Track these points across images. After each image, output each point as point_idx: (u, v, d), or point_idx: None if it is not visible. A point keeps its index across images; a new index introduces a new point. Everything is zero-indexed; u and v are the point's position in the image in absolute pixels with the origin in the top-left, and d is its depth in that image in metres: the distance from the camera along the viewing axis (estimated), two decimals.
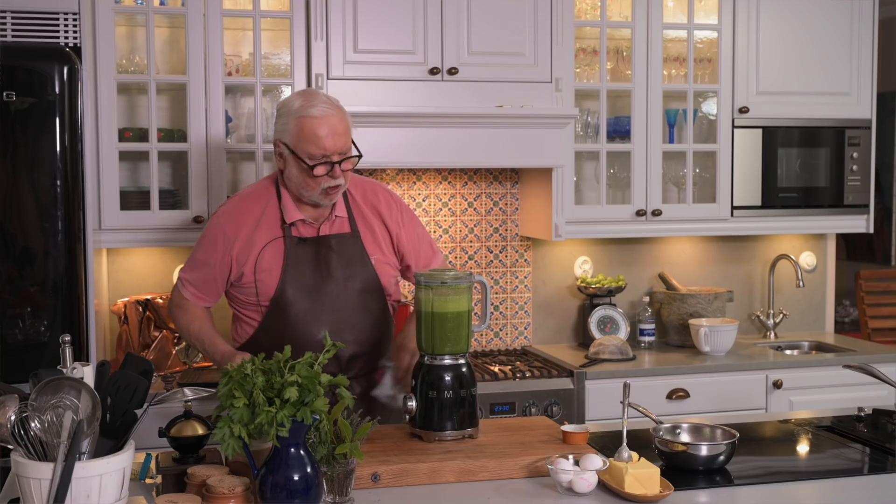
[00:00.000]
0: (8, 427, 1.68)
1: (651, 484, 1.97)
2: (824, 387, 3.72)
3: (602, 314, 3.99)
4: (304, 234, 2.56)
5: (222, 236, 2.57)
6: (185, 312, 2.65)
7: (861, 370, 2.61)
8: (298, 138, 2.46)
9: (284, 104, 2.54)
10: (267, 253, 2.54)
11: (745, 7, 3.90)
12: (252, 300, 2.57)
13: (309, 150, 2.45)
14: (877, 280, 5.52)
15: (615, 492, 1.98)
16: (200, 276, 2.61)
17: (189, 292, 2.63)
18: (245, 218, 2.57)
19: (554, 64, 3.61)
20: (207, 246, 2.59)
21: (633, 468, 1.98)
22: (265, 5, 3.57)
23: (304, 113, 2.46)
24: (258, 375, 1.81)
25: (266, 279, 2.53)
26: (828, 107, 4.03)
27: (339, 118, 2.49)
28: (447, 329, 2.28)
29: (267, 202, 2.58)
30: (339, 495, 1.89)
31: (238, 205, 2.62)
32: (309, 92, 2.56)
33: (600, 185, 3.83)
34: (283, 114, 2.52)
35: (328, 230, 2.57)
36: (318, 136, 2.44)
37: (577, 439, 2.26)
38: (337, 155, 2.47)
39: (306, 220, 2.56)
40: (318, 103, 2.47)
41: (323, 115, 2.46)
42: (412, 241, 2.68)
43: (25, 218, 2.90)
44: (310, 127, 2.44)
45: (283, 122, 2.50)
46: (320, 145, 2.44)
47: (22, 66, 2.87)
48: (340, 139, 2.47)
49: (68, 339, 1.85)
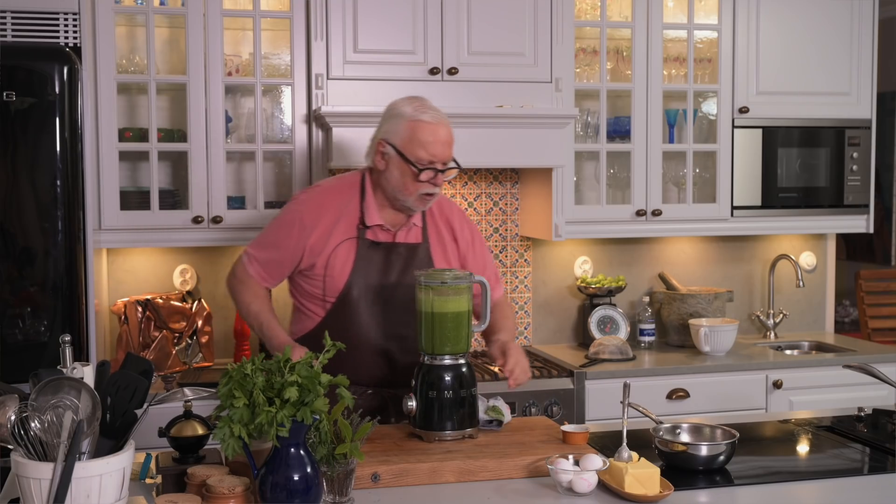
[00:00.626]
0: (8, 427, 1.68)
1: (651, 484, 1.97)
2: (824, 387, 3.72)
3: (602, 314, 3.99)
4: (378, 239, 2.58)
5: (299, 224, 2.58)
6: (247, 289, 2.65)
7: (861, 370, 2.61)
8: (410, 141, 2.49)
9: (395, 106, 2.57)
10: (341, 250, 2.56)
11: (745, 7, 3.90)
12: (318, 293, 2.59)
13: (418, 154, 2.48)
14: (877, 280, 5.52)
15: (615, 492, 1.98)
16: (269, 258, 2.62)
17: (254, 270, 2.64)
18: (326, 211, 2.58)
19: (554, 64, 3.61)
20: (282, 230, 2.61)
21: (633, 468, 1.98)
22: (265, 5, 3.57)
23: (417, 117, 2.49)
24: (258, 375, 1.81)
25: (335, 276, 2.55)
26: (828, 107, 4.03)
27: (448, 129, 2.53)
28: (447, 329, 2.28)
29: (349, 199, 2.60)
30: (339, 495, 1.89)
31: (322, 196, 2.62)
32: (419, 98, 2.58)
33: (600, 185, 3.83)
34: (393, 115, 2.54)
35: (402, 238, 2.60)
36: (430, 141, 2.48)
37: (577, 439, 2.26)
38: (441, 164, 2.50)
39: (384, 225, 2.58)
40: (431, 110, 2.52)
41: (436, 121, 2.50)
42: (477, 265, 2.69)
43: (25, 218, 2.90)
44: (423, 131, 2.48)
45: (394, 124, 2.52)
46: (430, 150, 2.48)
47: (22, 66, 2.87)
48: (448, 148, 2.52)
49: (68, 339, 1.85)
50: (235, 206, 3.54)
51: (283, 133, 3.67)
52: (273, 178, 3.73)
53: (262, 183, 3.51)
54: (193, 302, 3.61)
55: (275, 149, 3.58)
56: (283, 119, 3.68)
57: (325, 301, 2.58)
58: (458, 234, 2.69)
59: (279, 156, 3.69)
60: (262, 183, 3.53)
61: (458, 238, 2.69)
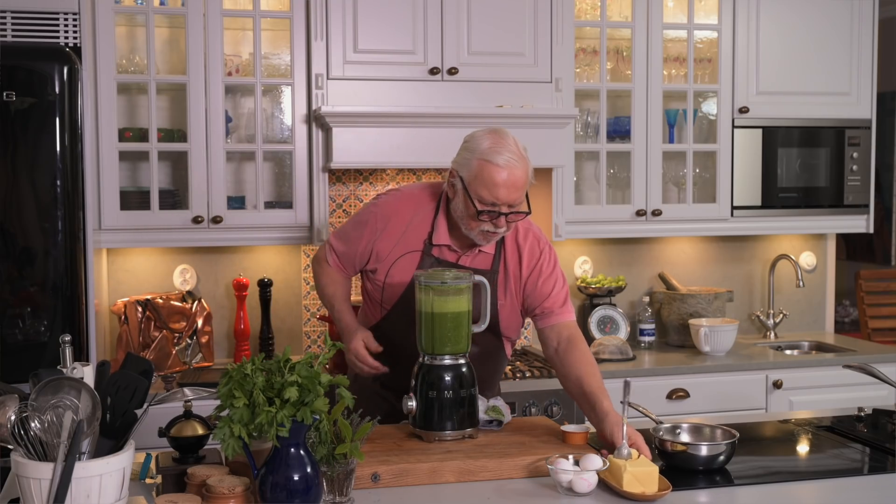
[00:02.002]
0: (8, 427, 1.68)
1: (650, 482, 1.96)
2: (824, 387, 3.72)
3: (602, 314, 3.99)
4: (444, 257, 2.54)
5: (372, 225, 2.57)
6: (325, 273, 2.70)
7: (861, 370, 2.61)
8: (475, 178, 2.40)
9: (473, 138, 2.47)
10: (404, 261, 2.53)
11: (745, 7, 3.90)
12: (377, 297, 2.59)
13: (481, 194, 2.39)
14: (877, 280, 5.52)
15: (614, 489, 1.98)
16: (344, 250, 2.64)
17: (332, 259, 2.67)
18: (399, 218, 2.56)
19: (554, 64, 3.61)
20: (357, 227, 2.62)
21: (631, 466, 1.98)
22: (265, 5, 3.57)
23: (488, 157, 2.39)
24: (258, 375, 1.81)
25: (394, 285, 2.53)
26: (828, 107, 4.03)
27: (522, 171, 2.41)
28: (447, 329, 2.28)
29: (426, 211, 2.56)
30: (339, 495, 1.89)
31: (399, 202, 2.60)
32: (501, 135, 2.44)
33: (600, 185, 3.83)
34: (468, 148, 2.46)
35: (468, 262, 2.54)
36: (496, 184, 2.37)
37: (577, 439, 2.26)
38: (506, 206, 2.41)
39: (452, 246, 2.54)
40: (505, 151, 2.39)
41: (506, 165, 2.38)
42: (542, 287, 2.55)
43: (25, 218, 2.90)
44: (490, 173, 2.38)
45: (466, 158, 2.44)
46: (494, 193, 2.38)
47: (22, 66, 2.87)
48: (515, 193, 2.41)
49: (68, 339, 1.85)
50: (235, 206, 3.54)
51: (283, 133, 3.67)
52: (273, 178, 3.73)
53: (262, 183, 3.51)
54: (193, 302, 3.61)
55: (275, 149, 3.58)
56: (283, 119, 3.68)
57: (383, 307, 2.58)
58: (525, 266, 2.57)
59: (279, 156, 3.69)
60: (262, 183, 3.54)
61: (523, 264, 2.57)
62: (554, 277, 2.57)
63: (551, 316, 2.53)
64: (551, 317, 2.53)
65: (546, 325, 2.54)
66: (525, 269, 2.56)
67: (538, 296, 2.54)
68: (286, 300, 3.80)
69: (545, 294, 2.54)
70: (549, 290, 2.54)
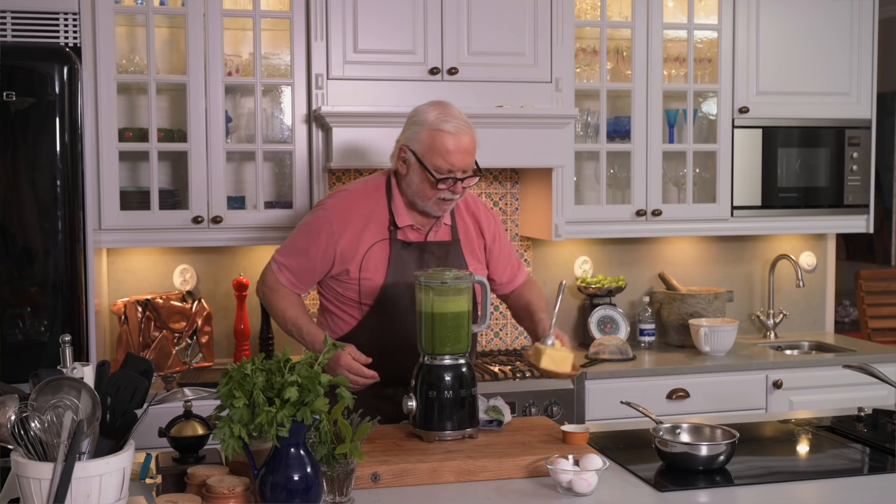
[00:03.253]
0: (8, 427, 1.68)
1: (564, 364, 2.40)
2: (824, 387, 3.72)
3: (602, 314, 3.99)
4: (410, 238, 2.59)
5: (328, 230, 2.57)
6: (281, 298, 2.64)
7: (861, 370, 2.61)
8: (428, 149, 2.48)
9: (419, 112, 2.55)
10: (373, 253, 2.56)
11: (745, 7, 3.90)
12: (353, 297, 2.58)
13: (436, 164, 2.48)
14: (877, 280, 5.52)
15: (535, 368, 2.40)
16: (298, 265, 2.61)
17: (285, 278, 2.63)
18: (354, 215, 2.58)
19: (554, 64, 3.61)
20: (310, 236, 2.60)
21: (551, 350, 2.40)
22: (265, 5, 3.57)
23: (438, 126, 2.48)
24: (258, 375, 1.81)
25: (371, 279, 2.55)
26: (828, 107, 4.03)
27: (470, 137, 2.51)
28: (447, 329, 2.28)
29: (377, 201, 2.60)
30: (339, 495, 1.89)
31: (348, 201, 2.62)
32: (444, 105, 2.55)
33: (600, 185, 3.83)
34: (416, 122, 2.54)
35: (434, 237, 2.61)
36: (449, 151, 2.47)
37: (577, 439, 2.26)
38: (461, 172, 2.50)
39: (415, 225, 2.59)
40: (453, 119, 2.49)
41: (457, 131, 2.48)
42: (502, 256, 2.76)
43: (25, 218, 2.90)
44: (442, 141, 2.47)
45: (415, 131, 2.52)
46: (449, 160, 2.47)
47: (22, 66, 2.87)
48: (468, 158, 2.51)
49: (68, 339, 1.85)
50: (235, 206, 3.54)
51: (283, 133, 3.67)
52: (273, 178, 3.73)
53: (262, 183, 3.51)
54: (193, 302, 3.61)
55: (275, 149, 3.58)
56: (283, 119, 3.68)
57: (362, 304, 2.58)
58: (485, 228, 2.72)
59: (279, 156, 3.69)
60: (262, 183, 3.54)
61: (485, 232, 2.72)
62: (508, 239, 2.83)
63: (514, 280, 2.81)
64: (514, 281, 2.81)
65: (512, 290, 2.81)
66: (487, 234, 2.73)
67: (503, 258, 2.76)
68: None
69: (508, 256, 2.78)
70: (508, 252, 2.79)
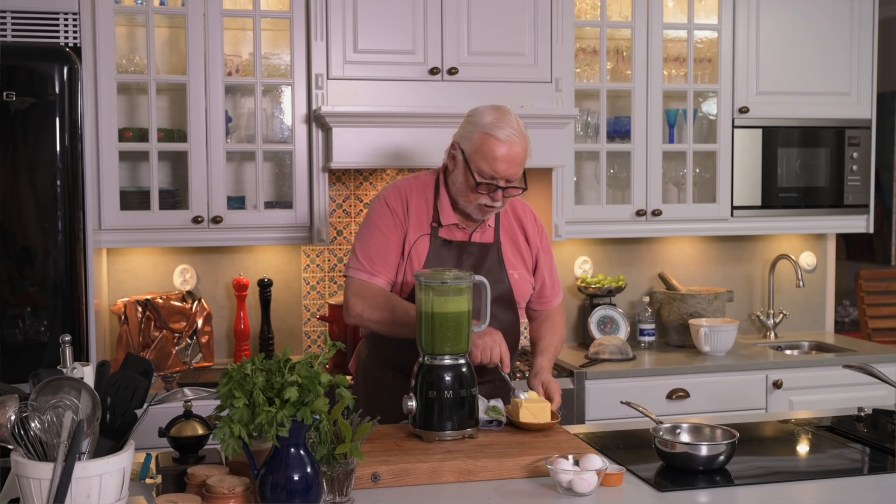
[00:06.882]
0: (8, 427, 1.68)
1: (542, 415, 2.31)
2: (824, 387, 3.72)
3: (602, 314, 3.99)
4: (451, 236, 2.59)
5: (392, 212, 2.56)
6: (371, 298, 2.51)
7: (861, 370, 2.61)
8: (476, 151, 2.47)
9: (476, 112, 2.54)
10: (417, 246, 2.57)
11: (745, 7, 3.91)
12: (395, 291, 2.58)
13: (480, 167, 2.47)
14: (877, 280, 5.52)
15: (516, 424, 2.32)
16: (375, 247, 2.54)
17: (365, 273, 2.54)
18: (409, 206, 2.58)
19: (554, 64, 3.61)
20: (381, 218, 2.56)
21: (527, 404, 2.32)
22: (265, 5, 3.57)
23: (490, 131, 2.46)
24: (258, 375, 1.81)
25: (410, 272, 2.55)
26: (828, 107, 4.03)
27: (522, 147, 2.49)
28: (447, 329, 2.28)
29: (426, 197, 2.61)
30: (339, 495, 1.89)
31: (403, 191, 2.61)
32: (503, 111, 2.52)
33: (600, 185, 3.83)
34: (471, 122, 2.53)
35: (478, 237, 2.61)
36: (496, 157, 2.45)
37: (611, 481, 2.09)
38: (503, 181, 2.48)
39: (458, 224, 2.59)
40: (507, 126, 2.47)
41: (508, 139, 2.46)
42: (545, 268, 2.72)
43: (25, 218, 2.90)
44: (490, 147, 2.46)
45: (469, 131, 2.51)
46: (493, 167, 2.46)
47: (22, 66, 2.88)
48: (513, 168, 2.48)
49: (68, 339, 1.85)
50: (235, 206, 3.54)
51: (283, 133, 3.67)
52: (273, 178, 3.73)
53: (262, 183, 3.51)
54: (193, 302, 3.62)
55: (275, 149, 3.58)
56: (283, 119, 3.68)
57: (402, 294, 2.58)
58: (530, 236, 2.69)
59: (279, 156, 3.69)
60: (262, 183, 3.54)
61: (531, 240, 2.69)
62: (552, 256, 2.77)
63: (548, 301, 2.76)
64: (548, 301, 2.76)
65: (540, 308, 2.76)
66: (533, 239, 2.69)
67: (540, 274, 2.71)
68: (286, 300, 3.80)
69: (548, 272, 2.72)
70: (550, 269, 2.74)
